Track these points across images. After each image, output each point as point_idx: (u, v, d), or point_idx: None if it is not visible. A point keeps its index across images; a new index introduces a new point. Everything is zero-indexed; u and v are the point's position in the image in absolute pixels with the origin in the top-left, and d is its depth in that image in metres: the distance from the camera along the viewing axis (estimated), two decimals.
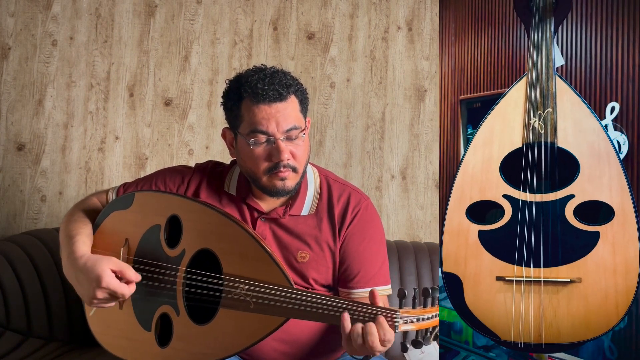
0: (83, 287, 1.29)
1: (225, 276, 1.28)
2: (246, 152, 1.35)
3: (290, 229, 1.41)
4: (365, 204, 1.45)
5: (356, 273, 1.41)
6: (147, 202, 1.40)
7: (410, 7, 2.43)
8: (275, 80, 1.33)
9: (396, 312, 1.14)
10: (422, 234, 2.38)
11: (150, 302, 1.35)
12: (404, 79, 2.41)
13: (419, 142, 2.40)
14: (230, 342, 1.28)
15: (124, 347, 1.38)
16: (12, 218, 2.30)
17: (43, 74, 2.34)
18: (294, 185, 1.37)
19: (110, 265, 1.27)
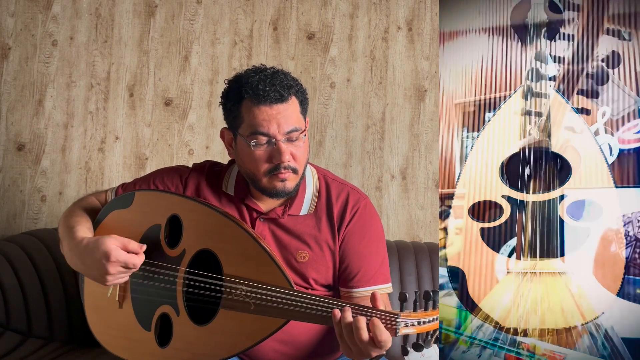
0: (92, 268, 1.28)
1: (226, 277, 1.28)
2: (246, 153, 1.35)
3: (290, 229, 1.41)
4: (364, 202, 1.45)
5: (356, 272, 1.41)
6: (147, 202, 1.40)
7: (410, 7, 2.42)
8: (277, 81, 1.32)
9: (397, 316, 1.14)
10: (422, 234, 2.38)
11: (150, 302, 1.35)
12: (404, 79, 2.41)
13: (419, 142, 2.40)
14: (230, 343, 1.28)
15: (124, 346, 1.38)
16: (12, 218, 2.30)
17: (43, 74, 2.34)
18: (294, 187, 1.37)
19: (112, 241, 1.27)
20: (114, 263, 1.26)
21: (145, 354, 1.35)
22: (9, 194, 2.30)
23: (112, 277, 1.28)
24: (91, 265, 1.28)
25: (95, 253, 1.26)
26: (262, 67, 1.38)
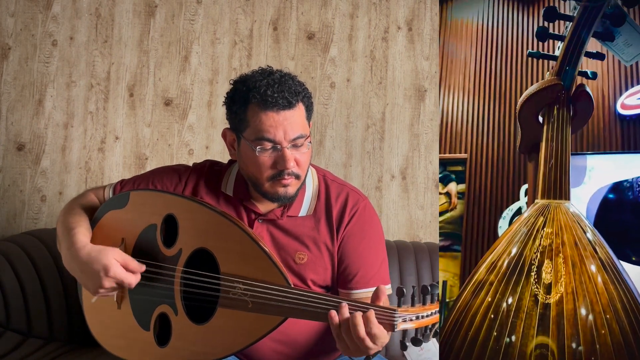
0: (88, 277, 1.28)
1: (223, 276, 1.28)
2: (250, 157, 1.34)
3: (288, 230, 1.40)
4: (363, 204, 1.44)
5: (355, 273, 1.41)
6: (143, 202, 1.39)
7: (410, 7, 2.42)
8: (285, 87, 1.30)
9: (394, 311, 1.13)
10: (422, 234, 2.38)
11: (148, 302, 1.35)
12: (404, 79, 2.41)
13: (419, 142, 2.40)
14: (229, 342, 1.28)
15: (123, 346, 1.38)
16: (12, 218, 2.30)
17: (43, 74, 2.34)
18: (295, 192, 1.37)
19: (115, 256, 1.27)
20: (111, 279, 1.27)
21: (145, 353, 1.35)
22: (9, 194, 2.31)
23: (104, 290, 1.29)
24: (88, 274, 1.28)
25: (95, 264, 1.27)
26: (270, 70, 1.35)
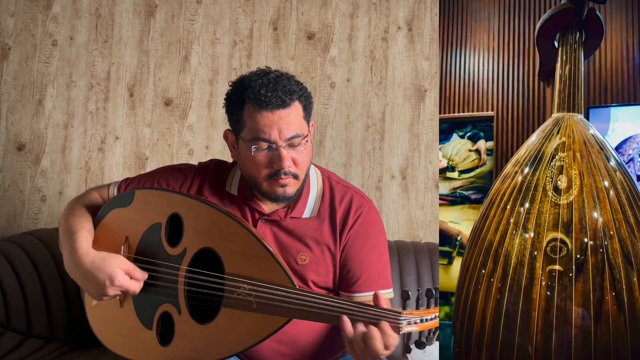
0: (92, 285, 1.28)
1: (228, 276, 1.28)
2: (247, 157, 1.34)
3: (291, 231, 1.40)
4: (367, 207, 1.44)
5: (358, 277, 1.40)
6: (148, 200, 1.39)
7: (410, 7, 2.43)
8: (279, 86, 1.30)
9: (400, 314, 1.13)
10: (422, 234, 2.38)
11: (151, 301, 1.35)
12: (404, 79, 2.41)
13: (419, 142, 2.40)
14: (232, 342, 1.27)
15: (125, 345, 1.38)
16: (12, 218, 2.30)
17: (43, 74, 2.34)
18: (295, 192, 1.36)
19: (119, 264, 1.28)
20: (116, 287, 1.27)
21: (147, 352, 1.35)
22: (9, 194, 2.30)
23: (107, 297, 1.30)
24: (92, 281, 1.28)
25: (100, 273, 1.27)
26: (266, 70, 1.35)
